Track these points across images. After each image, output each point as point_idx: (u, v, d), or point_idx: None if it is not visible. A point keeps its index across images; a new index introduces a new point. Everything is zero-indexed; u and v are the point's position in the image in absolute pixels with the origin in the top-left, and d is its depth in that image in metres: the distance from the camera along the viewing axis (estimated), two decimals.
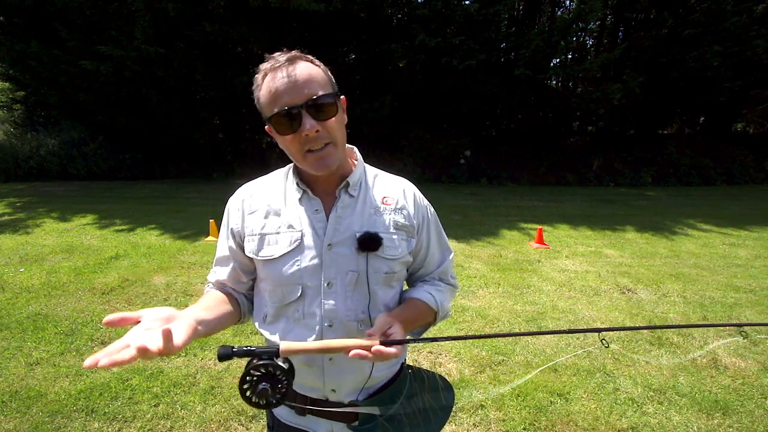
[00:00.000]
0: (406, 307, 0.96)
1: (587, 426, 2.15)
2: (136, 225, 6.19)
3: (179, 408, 2.24)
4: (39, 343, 2.86)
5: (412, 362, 2.67)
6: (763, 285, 4.16)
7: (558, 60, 12.50)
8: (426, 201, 1.06)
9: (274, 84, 0.81)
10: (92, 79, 10.01)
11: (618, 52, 10.96)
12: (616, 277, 4.37)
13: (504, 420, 2.19)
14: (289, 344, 0.72)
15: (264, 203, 0.96)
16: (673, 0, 11.50)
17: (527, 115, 12.93)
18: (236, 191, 1.01)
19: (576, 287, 4.09)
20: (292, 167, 0.98)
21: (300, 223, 0.92)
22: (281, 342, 0.73)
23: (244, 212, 0.96)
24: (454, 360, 2.76)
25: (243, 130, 12.37)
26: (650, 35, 11.46)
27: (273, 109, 0.81)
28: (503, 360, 2.76)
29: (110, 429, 2.09)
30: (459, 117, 12.33)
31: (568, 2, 13.90)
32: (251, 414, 2.19)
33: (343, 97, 0.93)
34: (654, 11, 12.17)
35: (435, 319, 1.02)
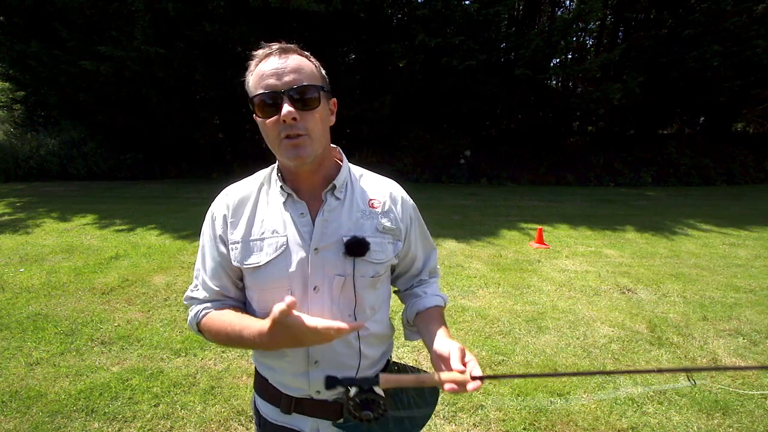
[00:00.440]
0: (438, 320, 0.98)
1: (587, 426, 2.15)
2: (136, 225, 6.19)
3: (179, 408, 2.24)
4: (39, 343, 2.87)
5: (412, 362, 2.67)
6: (763, 285, 4.17)
7: (558, 60, 12.50)
8: (411, 201, 1.05)
9: (263, 67, 0.83)
10: (92, 79, 10.00)
11: (618, 52, 10.96)
12: (616, 277, 4.37)
13: (504, 420, 2.19)
14: (389, 377, 0.79)
15: (246, 208, 0.93)
16: (673, 0, 11.51)
17: (527, 115, 12.92)
18: (219, 196, 0.98)
19: (576, 287, 4.09)
20: (276, 169, 0.95)
21: (285, 228, 0.90)
22: (381, 375, 0.79)
23: (227, 218, 0.93)
24: None
25: (243, 130, 12.37)
26: (650, 35, 11.46)
27: (257, 90, 0.82)
28: (503, 360, 2.76)
29: (110, 429, 2.09)
30: (459, 117, 12.33)
31: (568, 2, 13.92)
32: (251, 414, 2.19)
33: (334, 100, 0.92)
34: (654, 11, 12.17)
35: None
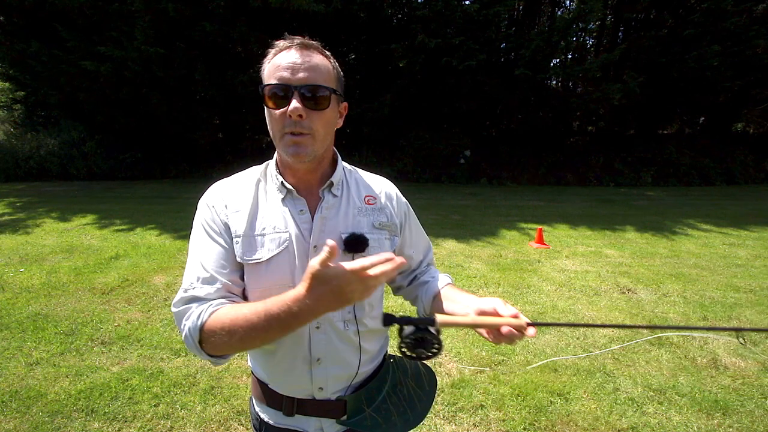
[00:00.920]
0: (462, 291, 0.99)
1: (587, 426, 2.15)
2: (136, 225, 6.19)
3: (179, 408, 2.24)
4: (39, 343, 2.86)
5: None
6: (763, 285, 4.17)
7: (558, 60, 12.51)
8: (404, 198, 1.07)
9: (282, 59, 0.82)
10: (92, 79, 10.01)
11: (618, 52, 10.95)
12: (616, 277, 4.37)
13: (504, 420, 2.19)
14: (445, 318, 0.77)
15: (244, 203, 0.91)
16: (673, 0, 11.50)
17: (527, 115, 12.92)
18: (211, 188, 0.94)
19: (576, 287, 4.09)
20: (273, 165, 0.94)
21: (286, 224, 0.89)
22: (437, 315, 0.77)
23: (227, 210, 0.90)
24: (454, 360, 2.76)
25: (243, 130, 12.37)
26: (650, 35, 11.46)
27: (270, 80, 0.82)
28: (503, 360, 2.76)
29: (110, 429, 2.09)
30: (459, 117, 12.32)
31: (568, 2, 13.91)
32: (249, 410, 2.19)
33: (345, 104, 0.92)
34: (654, 11, 12.17)
35: None
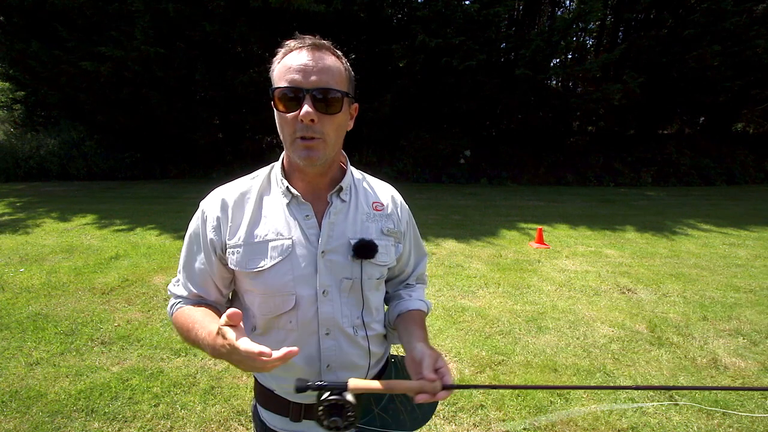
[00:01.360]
0: (417, 323, 0.96)
1: (587, 426, 2.15)
2: (136, 225, 6.19)
3: (179, 408, 2.24)
4: (39, 343, 2.86)
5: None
6: (763, 285, 4.17)
7: (558, 60, 12.50)
8: (407, 206, 1.06)
9: (292, 60, 0.79)
10: (92, 79, 10.01)
11: (618, 53, 10.95)
12: (616, 277, 4.37)
13: (504, 420, 2.19)
14: (357, 383, 0.76)
15: (247, 209, 0.89)
16: (673, 0, 11.50)
17: (527, 115, 12.92)
18: (211, 194, 0.92)
19: (576, 287, 4.09)
20: (279, 169, 0.92)
21: (289, 230, 0.87)
22: (350, 381, 0.75)
23: (223, 220, 0.88)
24: (455, 360, 2.76)
25: (243, 130, 12.36)
26: (650, 35, 11.45)
27: (281, 83, 0.79)
28: (503, 360, 2.76)
29: (110, 429, 2.09)
30: (459, 117, 12.32)
31: (568, 2, 13.89)
32: (251, 414, 2.19)
33: (356, 105, 0.91)
34: (654, 11, 12.16)
35: None
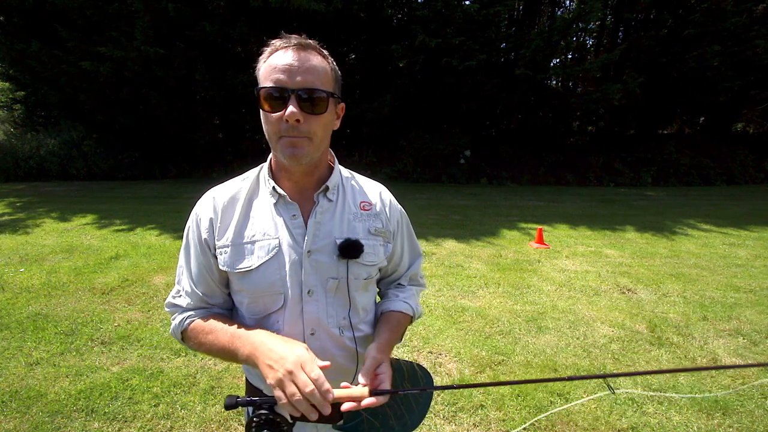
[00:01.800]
0: (389, 326, 0.96)
1: (587, 426, 2.15)
2: (136, 225, 6.19)
3: (179, 408, 2.24)
4: (39, 343, 2.86)
5: (409, 358, 2.67)
6: (763, 285, 4.17)
7: (558, 60, 12.51)
8: (399, 206, 1.05)
9: (278, 60, 0.79)
10: (92, 80, 10.01)
11: (618, 53, 10.96)
12: (616, 277, 4.37)
13: (504, 420, 2.19)
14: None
15: (236, 210, 0.90)
16: (673, 0, 11.51)
17: (527, 115, 12.93)
18: (204, 198, 0.93)
19: (576, 287, 4.09)
20: (266, 169, 0.93)
21: (276, 230, 0.87)
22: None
23: (214, 221, 0.89)
24: (454, 360, 2.76)
25: (243, 130, 12.37)
26: (650, 35, 11.46)
27: (266, 82, 0.79)
28: (503, 360, 2.76)
29: (110, 429, 2.09)
30: (459, 117, 12.33)
31: (568, 2, 13.90)
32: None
33: (342, 105, 0.91)
34: (654, 11, 12.18)
35: (410, 322, 1.06)
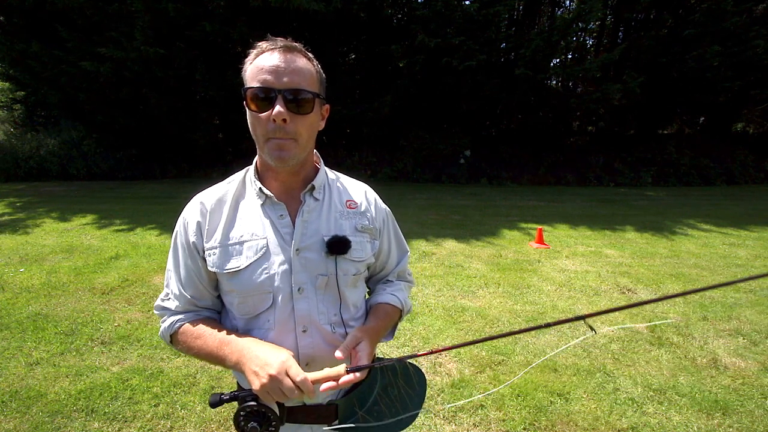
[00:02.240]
0: (376, 316, 0.99)
1: (587, 426, 2.15)
2: (136, 225, 6.19)
3: (179, 408, 2.24)
4: (39, 343, 2.86)
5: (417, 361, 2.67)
6: (763, 285, 4.16)
7: (558, 60, 12.50)
8: (383, 204, 1.08)
9: (265, 61, 0.81)
10: (92, 80, 10.01)
11: (618, 53, 10.95)
12: (616, 277, 4.37)
13: (504, 420, 2.19)
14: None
15: (223, 213, 0.92)
16: (673, 0, 11.50)
17: (527, 115, 12.93)
18: (191, 201, 0.95)
19: (576, 287, 4.09)
20: (252, 171, 0.95)
21: (264, 230, 0.89)
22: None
23: (202, 224, 0.91)
24: (454, 360, 2.76)
25: (243, 130, 12.15)
26: (650, 35, 11.46)
27: (253, 83, 0.81)
28: (503, 360, 2.76)
29: (110, 429, 2.09)
30: (459, 117, 12.33)
31: (568, 2, 13.91)
32: None
33: (327, 106, 0.94)
34: (654, 11, 12.17)
35: (401, 317, 1.08)
